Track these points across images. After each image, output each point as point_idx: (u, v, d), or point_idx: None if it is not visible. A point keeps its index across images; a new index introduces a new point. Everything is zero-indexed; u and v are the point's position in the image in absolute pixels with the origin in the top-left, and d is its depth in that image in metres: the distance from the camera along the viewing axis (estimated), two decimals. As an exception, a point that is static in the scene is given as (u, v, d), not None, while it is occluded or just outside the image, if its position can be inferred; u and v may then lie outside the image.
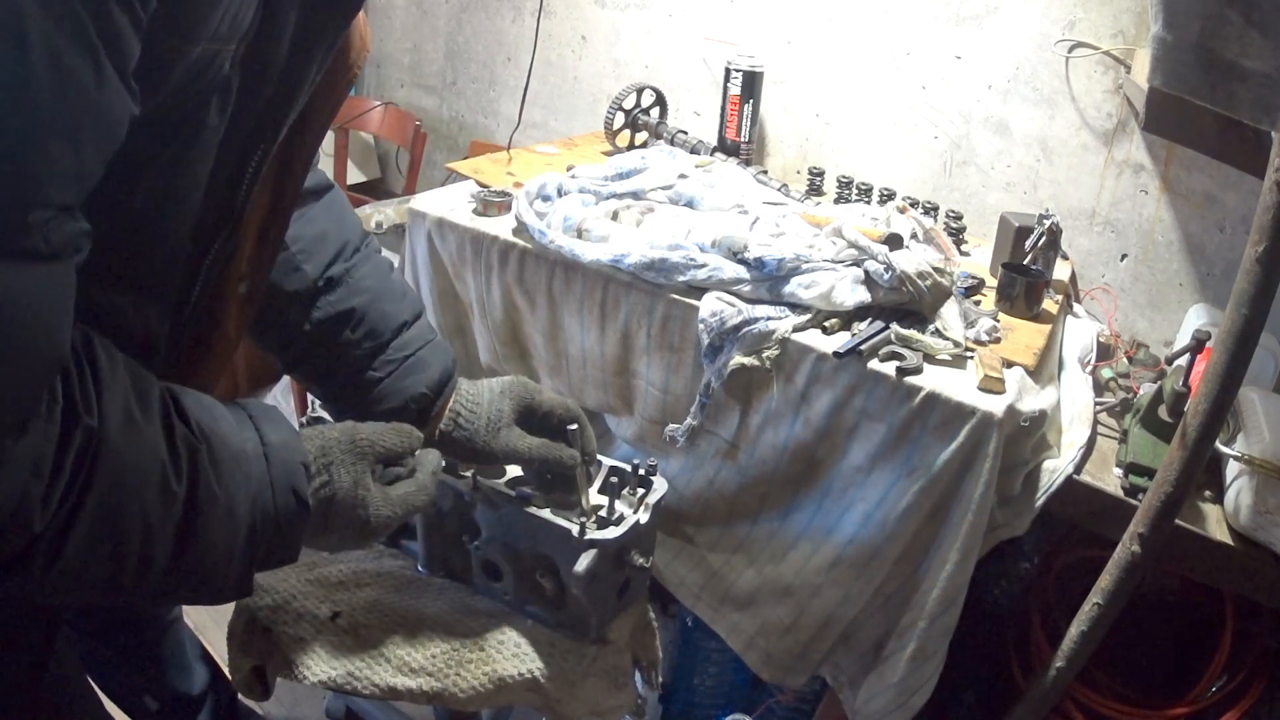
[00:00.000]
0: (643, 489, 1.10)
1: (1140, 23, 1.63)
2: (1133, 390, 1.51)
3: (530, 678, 1.03)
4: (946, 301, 1.35)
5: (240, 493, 0.67)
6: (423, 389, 1.02)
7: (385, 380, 1.01)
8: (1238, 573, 1.22)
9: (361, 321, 1.00)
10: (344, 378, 1.02)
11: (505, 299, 1.52)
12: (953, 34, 1.82)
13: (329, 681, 1.00)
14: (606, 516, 1.04)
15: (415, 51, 2.75)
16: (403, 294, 1.06)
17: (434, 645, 1.04)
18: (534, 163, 1.86)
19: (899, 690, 1.28)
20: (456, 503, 1.09)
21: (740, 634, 1.41)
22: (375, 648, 1.03)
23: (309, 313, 0.99)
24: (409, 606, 1.09)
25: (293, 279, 0.98)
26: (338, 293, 1.00)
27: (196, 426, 0.65)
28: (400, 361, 1.02)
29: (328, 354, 1.01)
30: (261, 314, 0.99)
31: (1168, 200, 1.70)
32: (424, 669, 1.02)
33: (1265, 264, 0.98)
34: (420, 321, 1.06)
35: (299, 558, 0.77)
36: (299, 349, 1.02)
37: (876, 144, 1.97)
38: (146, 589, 0.63)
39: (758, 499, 1.39)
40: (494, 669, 1.03)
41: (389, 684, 1.01)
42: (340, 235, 1.02)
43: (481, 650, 1.04)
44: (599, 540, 1.00)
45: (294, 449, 0.73)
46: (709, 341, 1.31)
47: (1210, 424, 1.07)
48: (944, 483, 1.21)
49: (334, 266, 1.00)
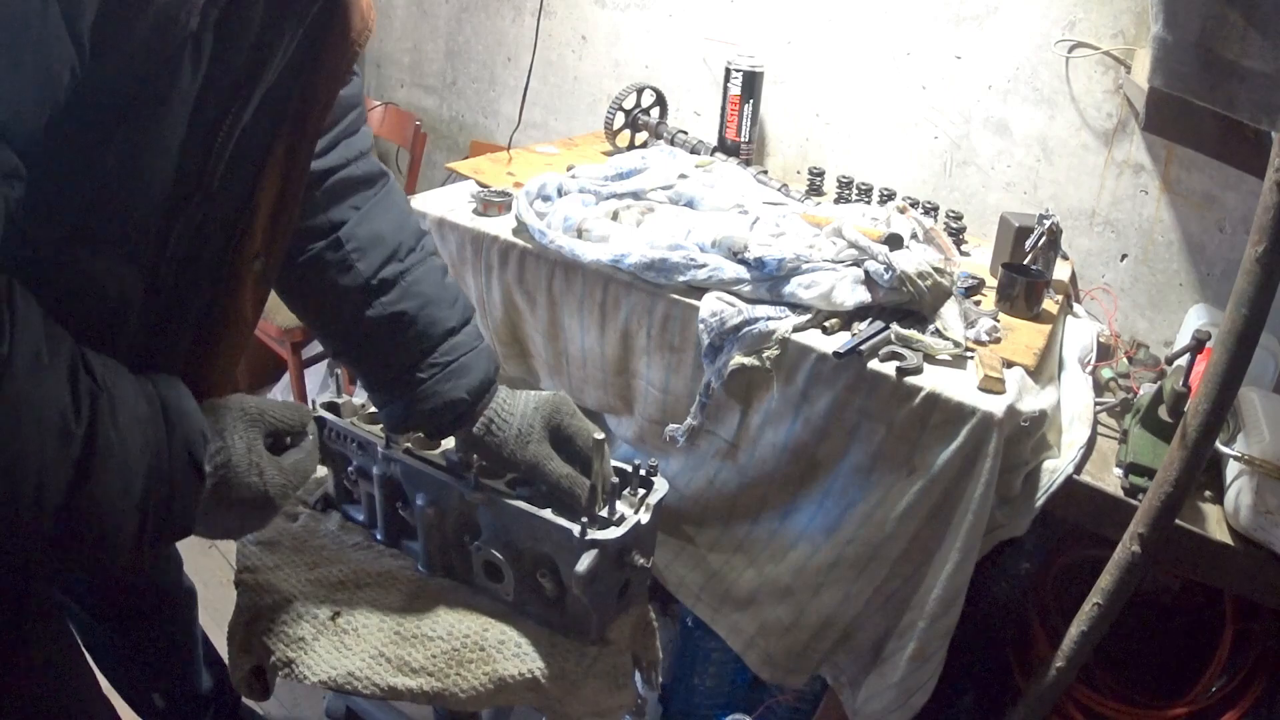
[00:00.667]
0: (644, 489, 1.10)
1: (1140, 23, 1.63)
2: (1133, 390, 1.50)
3: (530, 678, 1.03)
4: (946, 302, 1.35)
5: (136, 448, 0.68)
6: (463, 394, 1.04)
7: (428, 382, 1.04)
8: (1238, 573, 1.22)
9: (412, 325, 1.03)
10: (390, 375, 1.05)
11: (505, 299, 1.52)
12: (953, 34, 1.82)
13: (329, 681, 1.01)
14: (607, 517, 1.04)
15: (415, 51, 2.75)
16: (454, 299, 1.08)
17: (434, 645, 1.04)
18: (534, 163, 1.86)
19: (899, 690, 1.28)
20: (458, 503, 1.09)
21: (740, 634, 1.41)
22: (376, 648, 1.03)
23: (362, 311, 1.02)
24: (409, 606, 1.09)
25: (347, 277, 1.01)
26: (391, 294, 1.03)
27: (101, 379, 0.66)
28: (444, 366, 1.04)
29: (377, 352, 1.05)
30: (314, 306, 1.05)
31: (1168, 200, 1.70)
32: (424, 669, 1.02)
33: (1265, 264, 0.98)
34: (469, 327, 1.09)
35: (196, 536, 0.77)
36: (349, 344, 1.06)
37: (876, 144, 1.97)
38: (41, 530, 0.62)
39: (758, 499, 1.39)
40: (494, 669, 1.03)
41: (389, 684, 1.01)
42: (396, 235, 1.05)
43: (482, 650, 1.04)
44: (600, 540, 1.00)
45: (193, 418, 0.74)
46: (709, 341, 1.31)
47: (1210, 424, 1.07)
48: (944, 483, 1.21)
49: (388, 267, 1.03)
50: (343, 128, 1.01)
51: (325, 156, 0.99)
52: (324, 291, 1.02)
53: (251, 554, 1.14)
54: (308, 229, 0.99)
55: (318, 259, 1.01)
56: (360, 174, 1.03)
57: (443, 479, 1.09)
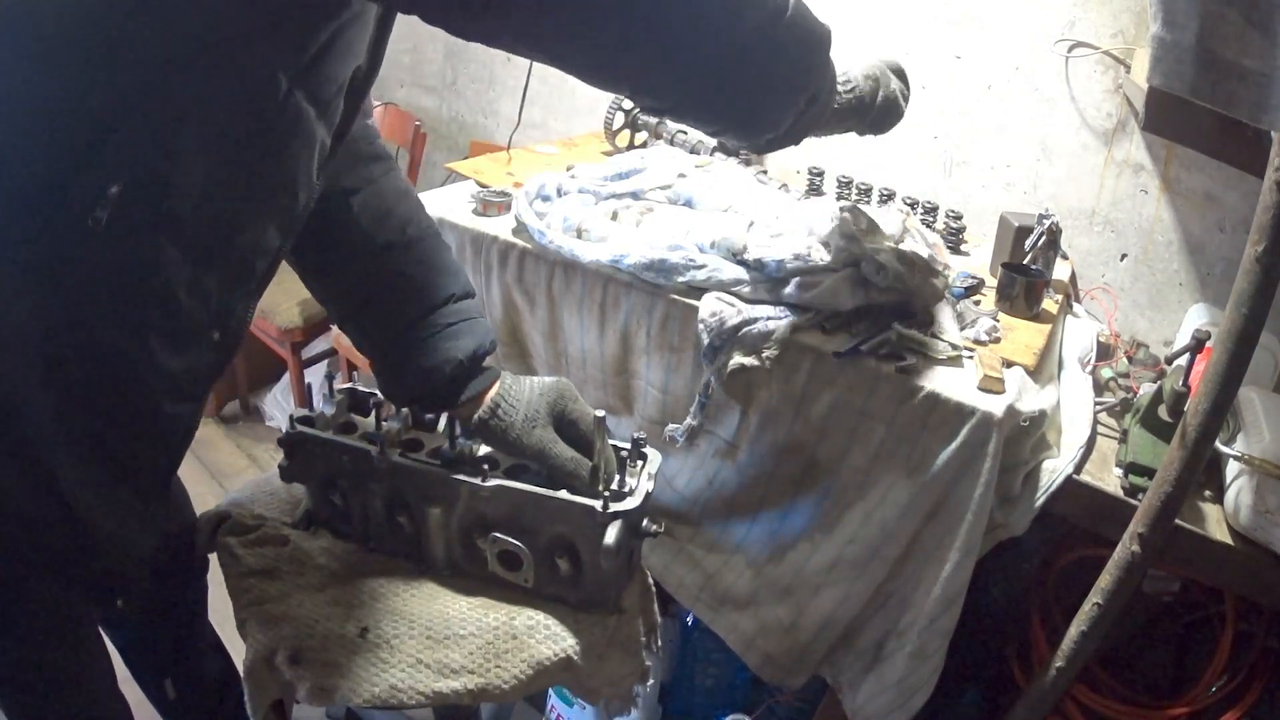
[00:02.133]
0: (640, 461, 1.13)
1: (1140, 23, 1.63)
2: (1133, 390, 1.50)
3: (565, 657, 1.04)
4: (940, 304, 1.35)
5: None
6: (460, 355, 1.06)
7: (427, 339, 1.06)
8: (1238, 573, 1.22)
9: (416, 287, 1.07)
10: (391, 333, 1.07)
11: (505, 299, 1.52)
12: (953, 34, 1.82)
13: (374, 700, 0.99)
14: (619, 490, 1.06)
15: (415, 52, 2.75)
16: (457, 272, 1.11)
17: (469, 642, 1.04)
18: (534, 163, 1.86)
19: (899, 690, 1.28)
20: (466, 498, 1.08)
21: (740, 634, 1.41)
22: (413, 655, 1.02)
23: (368, 268, 1.06)
24: (433, 610, 1.08)
25: (353, 233, 1.05)
26: (397, 257, 1.06)
27: None
28: (445, 326, 1.07)
29: (380, 310, 1.07)
30: (321, 264, 1.08)
31: (1168, 200, 1.70)
32: (465, 668, 1.01)
33: (1265, 264, 0.98)
34: (471, 300, 1.11)
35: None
36: (353, 304, 1.09)
37: (876, 144, 1.95)
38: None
39: (757, 499, 1.39)
40: (531, 654, 1.03)
41: (434, 689, 1.00)
42: (405, 211, 1.09)
43: (515, 639, 1.04)
44: (623, 512, 1.02)
45: None
46: (709, 341, 1.30)
47: (1210, 424, 1.07)
48: (944, 483, 1.21)
49: (394, 233, 1.07)
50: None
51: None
52: (332, 249, 1.06)
53: (251, 587, 1.09)
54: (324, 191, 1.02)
55: (327, 215, 1.03)
56: (370, 153, 1.08)
57: (449, 476, 1.07)
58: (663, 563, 1.45)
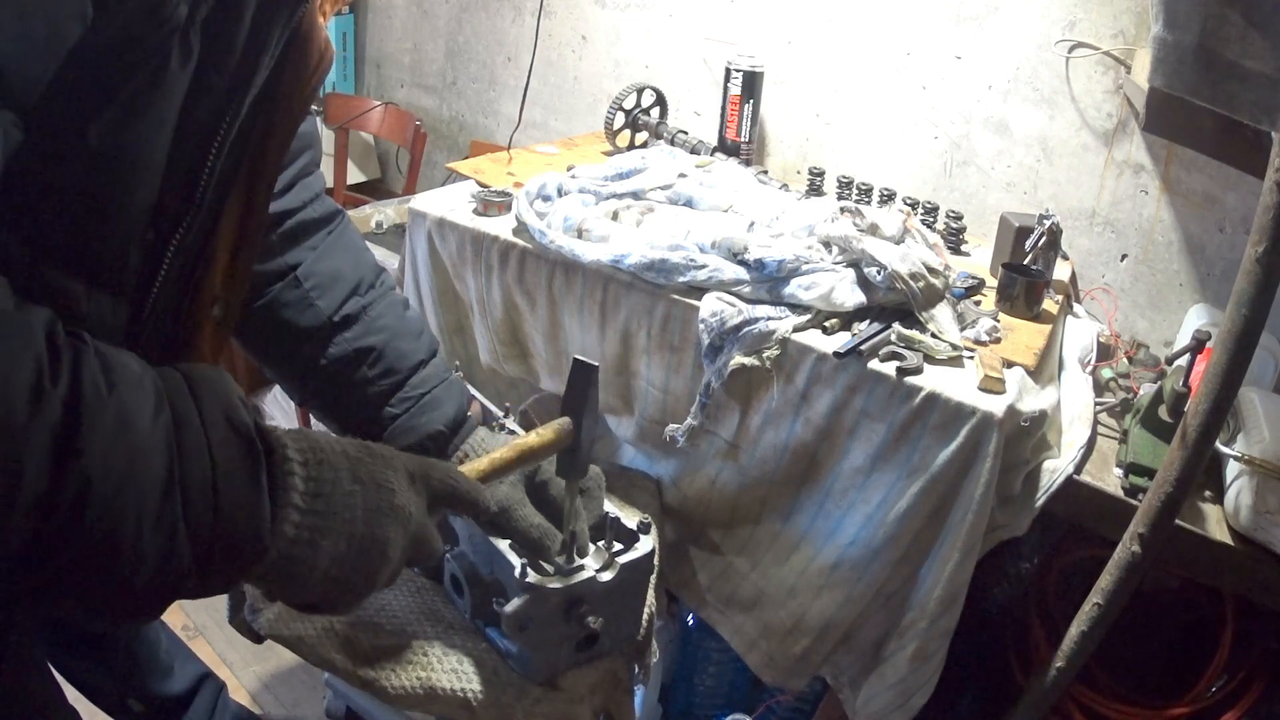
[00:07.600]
0: (621, 544, 1.03)
1: (1140, 23, 1.63)
2: (1133, 390, 1.50)
3: (463, 696, 1.01)
4: (939, 304, 1.35)
5: (141, 406, 0.53)
6: (439, 426, 1.02)
7: (401, 417, 1.02)
8: (1238, 573, 1.22)
9: (379, 359, 1.01)
10: (360, 414, 1.02)
11: (505, 299, 1.52)
12: (953, 34, 1.82)
13: (277, 636, 1.03)
14: (565, 564, 0.98)
15: (415, 51, 2.75)
16: (419, 332, 1.06)
17: (383, 637, 1.04)
18: (534, 163, 1.86)
19: (899, 691, 1.28)
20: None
21: (743, 636, 1.41)
22: (329, 622, 1.04)
23: (324, 349, 0.99)
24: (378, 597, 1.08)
25: (307, 315, 0.98)
26: (354, 330, 1.00)
27: (87, 339, 0.54)
28: (416, 399, 1.02)
29: (343, 391, 1.01)
30: (275, 350, 1.00)
31: (1168, 200, 1.70)
32: (365, 656, 1.02)
33: (1265, 264, 0.98)
34: (436, 360, 1.07)
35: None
36: (314, 385, 1.02)
37: (877, 144, 1.97)
38: (19, 538, 0.47)
39: (759, 500, 1.39)
40: (429, 676, 1.02)
41: (327, 657, 1.01)
42: (355, 272, 1.02)
43: (425, 656, 1.03)
44: (536, 587, 0.96)
45: (222, 382, 0.59)
46: (709, 341, 1.31)
47: (1210, 424, 1.07)
48: (944, 483, 1.21)
49: (349, 303, 1.00)
50: (299, 167, 0.98)
51: (283, 198, 0.96)
52: (285, 334, 0.98)
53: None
54: (264, 272, 0.96)
55: (276, 301, 0.97)
56: (317, 215, 1.00)
57: None
58: (667, 564, 1.45)
